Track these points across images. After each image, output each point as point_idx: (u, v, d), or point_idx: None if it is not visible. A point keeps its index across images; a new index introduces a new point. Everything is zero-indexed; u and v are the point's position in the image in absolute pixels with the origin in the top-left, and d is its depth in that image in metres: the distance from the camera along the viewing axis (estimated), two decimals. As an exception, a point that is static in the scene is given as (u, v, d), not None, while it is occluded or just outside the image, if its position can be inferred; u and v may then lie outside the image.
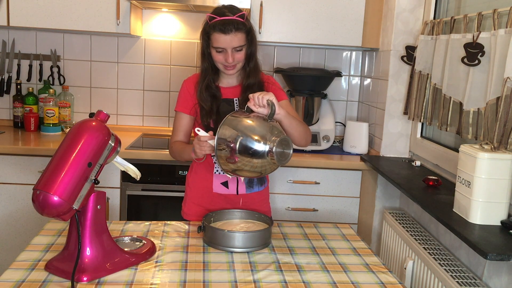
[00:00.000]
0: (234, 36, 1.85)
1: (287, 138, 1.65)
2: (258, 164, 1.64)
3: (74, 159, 1.33)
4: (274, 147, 1.61)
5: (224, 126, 1.65)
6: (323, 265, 1.55)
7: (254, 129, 1.65)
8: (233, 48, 1.86)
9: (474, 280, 1.79)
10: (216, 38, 1.86)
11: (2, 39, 3.20)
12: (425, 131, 2.72)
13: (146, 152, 2.73)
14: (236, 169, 1.68)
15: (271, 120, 1.70)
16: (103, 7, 2.85)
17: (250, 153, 1.62)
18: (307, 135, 1.92)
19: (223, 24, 1.84)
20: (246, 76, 1.96)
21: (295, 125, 1.83)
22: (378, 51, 2.99)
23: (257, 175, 1.73)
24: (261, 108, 1.71)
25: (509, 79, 1.71)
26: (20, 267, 1.44)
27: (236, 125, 1.66)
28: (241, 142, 1.62)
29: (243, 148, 1.62)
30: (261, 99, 1.70)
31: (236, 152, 1.62)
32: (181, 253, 1.59)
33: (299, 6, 2.87)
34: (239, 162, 1.64)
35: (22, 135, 3.03)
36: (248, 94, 1.93)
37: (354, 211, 2.84)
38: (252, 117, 1.70)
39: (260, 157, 1.62)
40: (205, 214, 1.78)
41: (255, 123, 1.67)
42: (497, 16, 1.86)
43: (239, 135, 1.63)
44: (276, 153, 1.61)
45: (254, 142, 1.62)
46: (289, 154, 1.66)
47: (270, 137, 1.62)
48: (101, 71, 3.28)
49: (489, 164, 1.67)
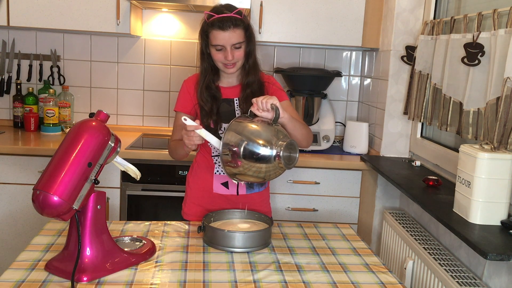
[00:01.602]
0: (233, 33, 1.85)
1: (294, 142, 1.64)
2: (263, 169, 1.63)
3: (74, 159, 1.33)
4: (282, 151, 1.59)
5: (229, 132, 1.63)
6: (323, 265, 1.55)
7: (260, 134, 1.63)
8: (232, 45, 1.86)
9: (474, 280, 1.79)
10: (215, 36, 1.86)
11: (2, 39, 3.20)
12: (425, 131, 2.72)
13: (146, 152, 2.73)
14: (238, 173, 1.66)
15: (276, 124, 1.69)
16: (103, 7, 2.85)
17: (256, 159, 1.60)
18: (309, 137, 1.93)
19: (221, 21, 1.84)
20: (245, 74, 1.96)
21: (299, 128, 1.83)
22: (378, 51, 2.99)
23: (260, 180, 1.71)
24: (265, 112, 1.68)
25: (509, 79, 1.71)
26: (20, 267, 1.44)
27: (242, 130, 1.64)
28: (247, 147, 1.60)
29: (249, 153, 1.60)
30: (265, 103, 1.67)
31: (240, 156, 1.60)
32: (181, 253, 1.59)
33: (299, 6, 2.87)
34: (243, 167, 1.62)
35: (22, 135, 3.03)
36: (248, 92, 1.93)
37: (354, 211, 2.84)
38: (256, 122, 1.67)
39: (266, 162, 1.61)
40: (205, 214, 1.78)
41: (260, 128, 1.65)
42: (497, 16, 1.86)
43: (243, 140, 1.61)
44: (283, 157, 1.60)
45: (261, 147, 1.60)
46: (296, 157, 1.64)
47: (276, 142, 1.61)
48: (101, 71, 3.28)
49: (489, 164, 1.67)
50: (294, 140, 1.65)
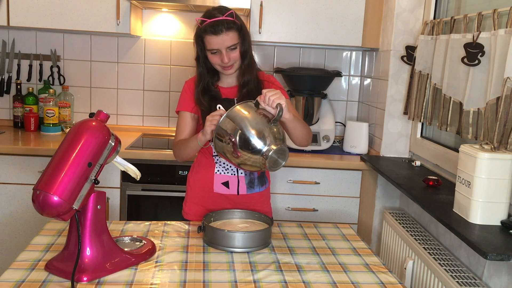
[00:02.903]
0: (226, 36, 1.86)
1: (285, 149, 1.69)
2: (250, 159, 1.69)
3: (74, 159, 1.33)
4: (271, 152, 1.65)
5: (228, 118, 1.69)
6: (323, 265, 1.55)
7: (254, 126, 1.69)
8: (227, 47, 1.88)
9: (474, 280, 1.79)
10: (209, 40, 1.87)
11: (2, 39, 3.20)
12: (425, 131, 2.72)
13: (146, 152, 2.73)
14: (227, 153, 1.73)
15: (275, 124, 1.71)
16: (103, 7, 2.85)
17: (246, 148, 1.67)
18: (309, 137, 1.97)
19: (213, 26, 1.85)
20: (241, 73, 1.97)
21: (299, 129, 1.88)
22: (378, 51, 2.99)
23: (256, 169, 1.76)
24: (268, 107, 1.71)
25: (509, 79, 1.71)
26: (20, 267, 1.44)
27: (240, 120, 1.69)
28: (240, 136, 1.67)
29: (241, 141, 1.67)
30: (271, 100, 1.70)
31: (235, 144, 1.68)
32: (181, 253, 1.59)
33: (299, 6, 2.87)
34: (240, 156, 1.69)
35: (22, 135, 3.03)
36: (244, 92, 1.95)
37: (354, 211, 2.84)
38: (258, 114, 1.72)
39: (254, 153, 1.68)
40: (205, 214, 1.78)
41: (258, 122, 1.70)
42: (497, 16, 1.86)
43: (238, 129, 1.68)
44: (269, 158, 1.66)
45: (251, 138, 1.67)
46: (281, 164, 1.71)
47: (270, 142, 1.66)
48: (101, 71, 3.28)
49: (489, 164, 1.67)
50: (286, 148, 1.69)
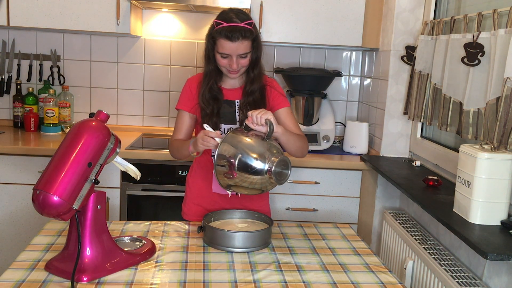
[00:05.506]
0: (240, 44, 1.82)
1: (286, 159, 1.66)
2: (258, 181, 1.65)
3: (74, 159, 1.33)
4: (273, 167, 1.62)
5: (224, 143, 1.66)
6: (323, 265, 1.55)
7: (253, 148, 1.66)
8: (239, 55, 1.85)
9: (474, 280, 1.79)
10: (222, 44, 1.84)
11: (2, 39, 3.20)
12: (425, 131, 2.72)
13: (146, 152, 2.73)
14: (233, 185, 1.68)
15: (269, 140, 1.70)
16: (103, 7, 2.85)
17: (249, 171, 1.63)
18: (304, 149, 1.94)
19: (230, 31, 1.81)
20: (249, 81, 1.95)
21: (293, 141, 1.85)
22: (378, 51, 2.99)
23: (257, 192, 1.73)
24: (259, 126, 1.70)
25: (509, 79, 1.71)
26: (20, 267, 1.44)
27: (236, 143, 1.66)
28: (241, 159, 1.63)
29: (242, 166, 1.63)
30: (259, 118, 1.69)
31: (235, 169, 1.63)
32: (181, 253, 1.59)
33: (299, 6, 2.87)
34: (237, 178, 1.65)
35: (22, 135, 3.03)
36: (249, 100, 1.92)
37: (354, 211, 2.84)
38: (251, 135, 1.70)
39: (259, 174, 1.63)
40: (205, 214, 1.78)
41: (254, 142, 1.68)
42: (497, 16, 1.86)
43: (238, 153, 1.63)
44: (274, 173, 1.63)
45: (253, 160, 1.63)
46: (287, 174, 1.67)
47: (269, 157, 1.64)
48: (101, 71, 3.28)
49: (489, 164, 1.67)
50: (287, 157, 1.67)
